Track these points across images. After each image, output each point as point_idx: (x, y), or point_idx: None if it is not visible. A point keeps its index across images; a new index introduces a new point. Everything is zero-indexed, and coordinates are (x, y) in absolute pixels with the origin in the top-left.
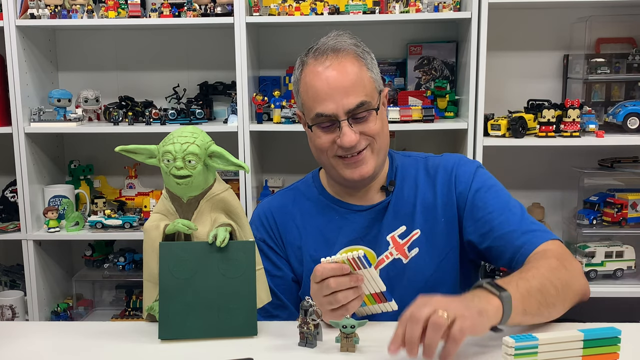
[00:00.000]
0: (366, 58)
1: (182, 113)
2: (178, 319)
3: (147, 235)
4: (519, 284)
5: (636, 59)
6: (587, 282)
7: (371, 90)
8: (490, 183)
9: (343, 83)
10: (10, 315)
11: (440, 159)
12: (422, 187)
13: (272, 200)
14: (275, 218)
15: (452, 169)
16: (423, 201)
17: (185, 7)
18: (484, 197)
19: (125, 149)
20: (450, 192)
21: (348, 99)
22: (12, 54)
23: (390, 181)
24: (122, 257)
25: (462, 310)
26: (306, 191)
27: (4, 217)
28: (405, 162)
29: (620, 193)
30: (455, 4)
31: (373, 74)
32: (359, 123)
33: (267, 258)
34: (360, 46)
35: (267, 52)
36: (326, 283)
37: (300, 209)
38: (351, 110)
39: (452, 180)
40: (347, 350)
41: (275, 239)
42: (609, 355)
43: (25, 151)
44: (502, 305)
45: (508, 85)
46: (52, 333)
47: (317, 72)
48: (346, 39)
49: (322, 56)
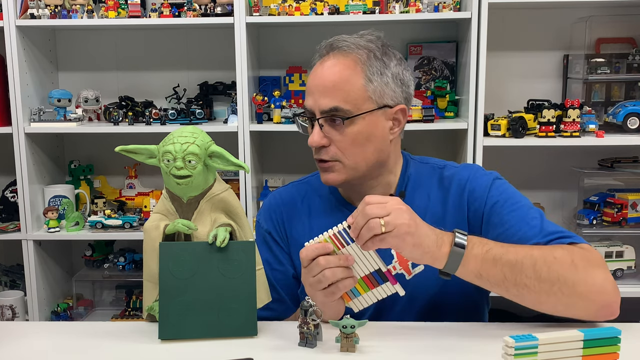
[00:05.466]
0: (371, 65)
1: (182, 113)
2: (178, 319)
3: (147, 235)
4: (491, 250)
5: (636, 59)
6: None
7: (357, 99)
8: (507, 195)
9: (324, 82)
10: (10, 315)
11: (456, 170)
12: (433, 199)
13: (283, 192)
14: (282, 213)
15: (466, 182)
16: (433, 215)
17: (185, 7)
18: (500, 213)
19: (125, 149)
20: (462, 207)
21: (324, 100)
22: (12, 54)
23: (400, 191)
24: (122, 257)
25: (404, 229)
26: (318, 187)
27: (4, 217)
28: (421, 170)
29: (620, 193)
30: (455, 4)
31: (372, 83)
32: (333, 128)
33: (270, 250)
34: (374, 51)
35: (267, 52)
36: (315, 262)
37: (309, 206)
38: (324, 112)
39: (465, 196)
40: (347, 350)
41: (281, 233)
42: (609, 355)
43: (25, 151)
44: (447, 257)
45: (508, 85)
46: (52, 333)
47: (316, 66)
48: (361, 40)
49: (327, 53)
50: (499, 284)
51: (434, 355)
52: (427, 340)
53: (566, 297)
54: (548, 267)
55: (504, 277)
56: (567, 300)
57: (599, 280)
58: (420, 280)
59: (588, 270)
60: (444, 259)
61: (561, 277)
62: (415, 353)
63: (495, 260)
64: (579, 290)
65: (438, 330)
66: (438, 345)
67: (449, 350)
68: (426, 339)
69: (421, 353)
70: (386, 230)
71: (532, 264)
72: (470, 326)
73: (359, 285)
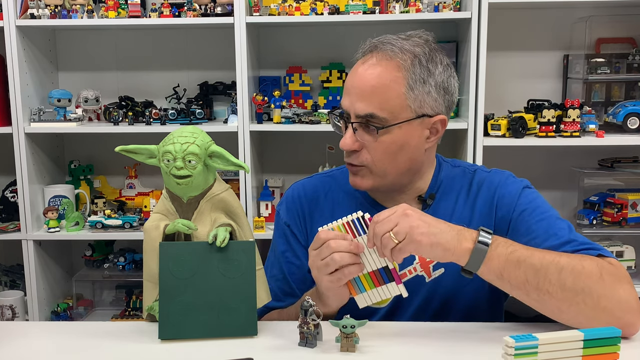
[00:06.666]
0: (414, 72)
1: (182, 113)
2: (178, 319)
3: (147, 235)
4: (516, 252)
5: (636, 59)
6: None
7: (395, 107)
8: (535, 204)
9: (362, 85)
10: (10, 315)
11: (487, 176)
12: (461, 203)
13: (307, 184)
14: (304, 206)
15: (495, 188)
16: (459, 219)
17: (185, 7)
18: (527, 221)
19: (125, 149)
20: (490, 214)
21: (360, 104)
22: (12, 54)
23: (430, 194)
24: (122, 257)
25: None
26: (343, 182)
27: (4, 217)
28: (453, 173)
29: (620, 193)
30: (455, 4)
31: (413, 92)
32: (367, 134)
33: (288, 243)
34: (419, 56)
35: (267, 52)
36: (326, 244)
37: (332, 201)
38: (359, 117)
39: (494, 202)
40: (347, 350)
41: (300, 227)
42: (609, 355)
43: (25, 151)
44: (470, 254)
45: (508, 85)
46: (52, 333)
47: (357, 65)
48: (407, 44)
49: (369, 53)
50: (519, 287)
51: (433, 355)
52: (426, 340)
53: (589, 309)
54: (574, 276)
55: (525, 280)
56: (590, 312)
57: (624, 297)
58: (440, 283)
59: (615, 286)
60: (467, 255)
61: (586, 288)
62: (415, 353)
63: (519, 261)
64: (602, 304)
65: (438, 331)
66: (438, 345)
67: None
68: (426, 339)
69: (421, 353)
70: (399, 239)
71: (558, 270)
72: (470, 326)
73: (364, 281)
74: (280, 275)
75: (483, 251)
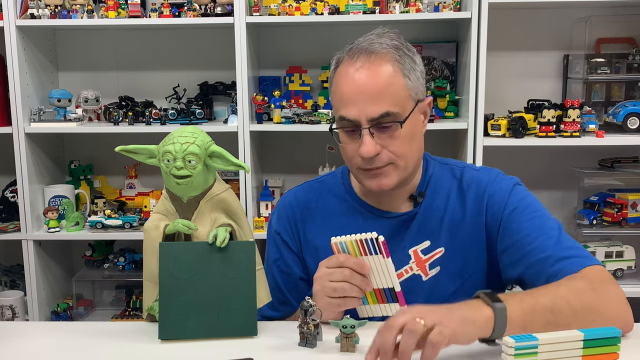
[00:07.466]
0: (404, 63)
1: (182, 113)
2: (178, 319)
3: (147, 235)
4: (524, 300)
5: (636, 59)
6: (630, 313)
7: (402, 99)
8: (526, 202)
9: (369, 89)
10: (10, 315)
11: (477, 174)
12: (452, 201)
13: (297, 193)
14: (295, 213)
15: (486, 186)
16: (451, 218)
17: (185, 7)
18: (518, 219)
19: (125, 149)
20: (481, 212)
21: (372, 107)
22: (12, 54)
23: (420, 192)
24: (122, 257)
25: (441, 318)
26: (333, 187)
27: (4, 217)
28: (441, 171)
29: (620, 193)
30: (455, 4)
31: (410, 81)
32: (383, 133)
33: (279, 251)
34: (401, 48)
35: (267, 52)
36: (341, 269)
37: (324, 206)
38: (374, 119)
39: (484, 200)
40: (347, 350)
41: (291, 234)
42: (609, 355)
43: (25, 151)
44: (494, 317)
45: (508, 85)
46: (52, 333)
47: (347, 73)
48: (386, 40)
49: (355, 56)
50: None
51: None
52: None
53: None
54: (577, 299)
55: (546, 322)
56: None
57: (616, 299)
58: (437, 282)
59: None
60: (492, 320)
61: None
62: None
63: (532, 307)
64: (604, 315)
65: None
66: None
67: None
68: None
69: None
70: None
71: (566, 302)
72: None
73: (369, 296)
74: (274, 284)
75: (503, 308)
